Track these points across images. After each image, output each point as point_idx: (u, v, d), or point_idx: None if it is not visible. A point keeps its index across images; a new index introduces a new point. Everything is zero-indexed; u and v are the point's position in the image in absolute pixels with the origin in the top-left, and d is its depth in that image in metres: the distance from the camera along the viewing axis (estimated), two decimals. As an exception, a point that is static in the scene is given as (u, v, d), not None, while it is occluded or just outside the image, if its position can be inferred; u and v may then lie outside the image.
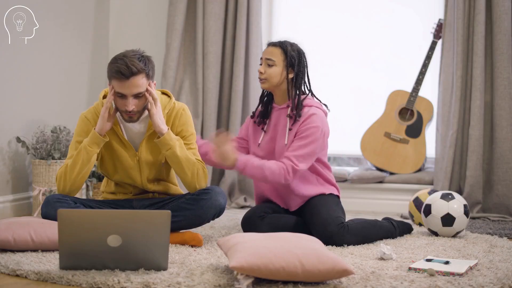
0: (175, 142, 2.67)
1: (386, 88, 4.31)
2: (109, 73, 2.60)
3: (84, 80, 4.29)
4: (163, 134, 2.65)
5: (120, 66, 2.53)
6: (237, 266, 1.96)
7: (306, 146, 2.85)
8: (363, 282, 2.07)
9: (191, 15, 4.36)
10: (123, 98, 2.59)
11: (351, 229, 2.79)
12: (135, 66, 2.54)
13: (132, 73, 2.54)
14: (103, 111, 2.64)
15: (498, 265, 2.36)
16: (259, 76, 2.97)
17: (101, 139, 2.65)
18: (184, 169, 2.69)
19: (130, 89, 2.56)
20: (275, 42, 2.99)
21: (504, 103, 3.83)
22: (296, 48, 2.98)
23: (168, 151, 2.67)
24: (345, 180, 4.19)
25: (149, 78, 2.62)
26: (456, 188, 3.95)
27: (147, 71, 2.59)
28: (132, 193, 2.85)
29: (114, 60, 2.58)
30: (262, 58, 2.98)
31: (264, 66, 2.96)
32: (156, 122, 2.64)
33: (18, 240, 2.43)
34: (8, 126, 3.55)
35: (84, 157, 2.64)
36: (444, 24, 4.01)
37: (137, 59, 2.56)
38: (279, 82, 2.95)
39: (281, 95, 2.99)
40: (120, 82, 2.55)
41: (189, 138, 2.79)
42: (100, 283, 2.01)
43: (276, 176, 2.81)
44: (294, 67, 2.94)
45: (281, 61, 2.94)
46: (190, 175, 2.70)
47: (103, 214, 2.10)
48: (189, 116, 2.82)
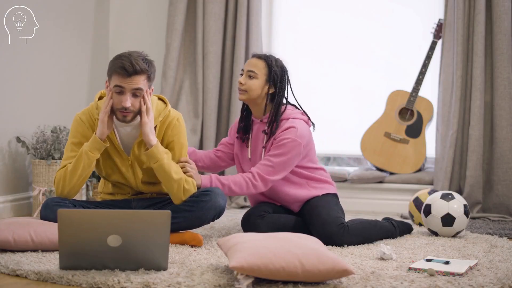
0: (163, 156, 2.66)
1: (386, 88, 4.31)
2: (112, 68, 2.59)
3: (84, 80, 4.29)
4: (151, 145, 2.64)
5: (124, 63, 2.54)
6: (237, 266, 1.96)
7: (276, 156, 2.83)
8: (363, 282, 2.07)
9: (191, 15, 4.36)
10: (121, 94, 2.59)
11: (351, 230, 2.79)
12: (139, 65, 2.56)
13: (135, 71, 2.55)
14: (103, 115, 2.63)
15: (498, 265, 2.36)
16: (239, 87, 2.92)
17: (102, 144, 2.65)
18: (171, 182, 2.67)
19: (131, 85, 2.57)
20: (260, 54, 2.96)
21: (504, 103, 3.83)
22: (280, 64, 2.95)
23: (156, 164, 2.66)
24: (345, 180, 4.19)
25: (150, 81, 2.63)
26: (456, 188, 3.95)
27: (149, 73, 2.61)
28: (130, 193, 2.85)
29: (118, 57, 2.60)
30: (244, 69, 2.94)
31: (245, 77, 2.92)
32: (146, 132, 2.63)
33: (18, 240, 2.43)
34: (8, 126, 3.55)
35: (85, 163, 2.64)
36: (444, 24, 4.01)
37: (142, 60, 2.58)
38: (258, 96, 2.91)
39: (258, 109, 2.96)
40: (121, 78, 2.56)
41: (180, 150, 2.77)
42: (100, 283, 2.01)
43: (244, 188, 2.82)
44: (276, 83, 2.91)
45: (263, 75, 2.90)
46: (176, 188, 2.69)
47: (103, 214, 2.10)
48: (183, 127, 2.80)
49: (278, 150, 2.84)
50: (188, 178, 2.72)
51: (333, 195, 3.00)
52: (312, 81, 4.47)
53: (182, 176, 2.69)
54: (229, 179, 2.82)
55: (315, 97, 4.42)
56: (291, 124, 2.87)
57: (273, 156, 2.84)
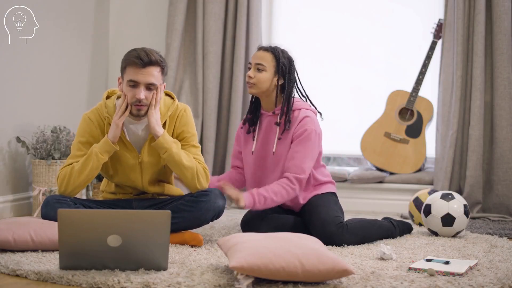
0: (171, 145, 2.67)
1: (386, 88, 4.31)
2: (126, 60, 2.62)
3: (84, 80, 4.29)
4: (158, 136, 2.65)
5: (140, 53, 2.60)
6: (237, 266, 1.96)
7: (303, 153, 2.83)
8: (363, 282, 2.07)
9: (191, 15, 4.36)
10: (135, 87, 2.61)
11: (350, 229, 2.79)
12: (154, 56, 2.62)
13: (150, 61, 2.59)
14: (118, 119, 2.64)
15: (498, 265, 2.36)
16: (248, 81, 2.92)
17: (113, 147, 2.66)
18: (183, 171, 2.69)
19: (145, 77, 2.59)
20: (266, 47, 2.95)
21: (504, 103, 3.83)
22: (287, 55, 2.95)
23: (165, 154, 2.67)
24: (345, 180, 4.19)
25: (163, 74, 2.67)
26: (456, 188, 3.95)
27: (163, 65, 2.65)
28: (132, 193, 2.86)
29: (133, 49, 2.65)
30: (252, 62, 2.93)
31: (253, 71, 2.91)
32: (152, 123, 2.65)
33: (18, 240, 2.43)
34: (8, 126, 3.55)
35: (94, 164, 2.65)
36: (444, 24, 4.01)
37: (156, 53, 2.65)
38: (268, 88, 2.91)
39: (268, 102, 2.96)
40: (136, 68, 2.59)
41: (191, 139, 2.79)
42: (100, 283, 2.01)
43: (284, 195, 2.81)
44: (285, 74, 2.92)
45: (271, 67, 2.90)
46: (190, 177, 2.70)
47: (103, 214, 2.10)
48: (190, 117, 2.82)
49: (300, 145, 2.84)
50: (201, 165, 2.74)
51: (332, 194, 3.00)
52: (312, 81, 4.46)
53: (195, 165, 2.71)
54: (269, 191, 2.79)
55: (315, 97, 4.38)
56: (305, 114, 2.89)
57: (299, 154, 2.83)
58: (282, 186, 2.80)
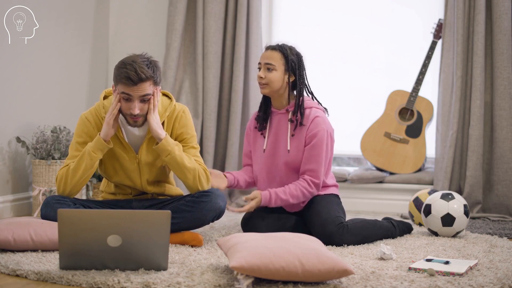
0: (173, 148, 2.66)
1: (386, 88, 4.31)
2: (117, 77, 2.57)
3: (84, 80, 4.29)
4: (161, 139, 2.65)
5: (129, 72, 2.51)
6: (237, 266, 1.96)
7: (318, 155, 2.85)
8: (363, 282, 2.07)
9: (191, 15, 4.36)
10: (129, 101, 2.58)
11: (350, 229, 2.79)
12: (144, 73, 2.52)
13: (140, 79, 2.52)
14: (109, 117, 2.62)
15: (498, 265, 2.36)
16: (260, 81, 2.91)
17: (105, 145, 2.64)
18: (185, 173, 2.69)
19: (138, 92, 2.56)
20: (273, 46, 2.94)
21: (504, 103, 3.83)
22: (295, 52, 2.95)
23: (167, 156, 2.67)
24: (345, 180, 4.19)
25: (156, 84, 2.62)
26: (456, 188, 3.95)
27: (155, 78, 2.58)
28: (131, 194, 2.86)
29: (123, 64, 2.55)
30: (261, 62, 2.92)
31: (263, 71, 2.91)
32: (154, 127, 2.64)
33: (18, 240, 2.43)
34: (8, 126, 3.55)
35: (87, 163, 2.64)
36: (444, 24, 4.01)
37: (146, 65, 2.55)
38: (280, 87, 2.91)
39: (281, 100, 2.96)
40: (128, 87, 2.55)
41: (190, 140, 2.79)
42: (100, 283, 2.01)
43: (300, 198, 2.86)
44: (295, 71, 2.92)
45: (281, 65, 2.90)
46: (192, 179, 2.70)
47: (103, 214, 2.10)
48: (189, 118, 2.81)
49: (315, 150, 2.85)
50: (202, 167, 2.75)
51: (334, 196, 3.00)
52: (312, 81, 4.44)
53: (196, 166, 2.71)
54: (287, 193, 2.84)
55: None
56: (316, 114, 2.90)
57: (314, 158, 2.85)
58: (300, 190, 2.85)
